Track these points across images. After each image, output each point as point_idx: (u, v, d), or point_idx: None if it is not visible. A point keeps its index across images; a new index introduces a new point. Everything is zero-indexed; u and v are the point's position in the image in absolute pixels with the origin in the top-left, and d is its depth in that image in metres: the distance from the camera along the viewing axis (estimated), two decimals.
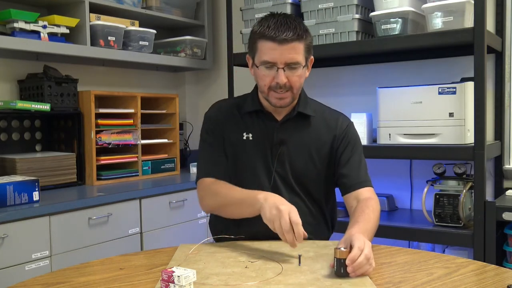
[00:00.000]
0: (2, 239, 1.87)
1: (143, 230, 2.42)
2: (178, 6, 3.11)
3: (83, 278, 1.24)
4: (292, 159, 1.58)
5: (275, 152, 1.58)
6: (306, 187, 1.61)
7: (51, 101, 2.42)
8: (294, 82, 1.50)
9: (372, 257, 1.22)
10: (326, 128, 1.61)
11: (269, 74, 1.49)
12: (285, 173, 1.58)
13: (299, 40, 1.48)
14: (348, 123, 1.65)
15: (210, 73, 3.46)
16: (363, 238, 1.25)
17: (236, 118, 1.62)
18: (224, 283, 1.16)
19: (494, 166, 2.52)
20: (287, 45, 1.45)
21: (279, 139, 1.58)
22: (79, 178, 2.52)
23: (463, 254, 2.42)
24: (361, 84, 2.85)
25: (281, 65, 1.47)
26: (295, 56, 1.47)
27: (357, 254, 1.19)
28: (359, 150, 1.63)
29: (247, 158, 1.59)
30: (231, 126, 1.62)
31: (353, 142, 1.62)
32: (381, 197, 2.65)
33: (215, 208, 1.59)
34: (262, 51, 1.49)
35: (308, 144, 1.59)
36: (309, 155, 1.59)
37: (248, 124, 1.61)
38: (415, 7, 2.35)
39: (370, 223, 1.42)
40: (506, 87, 2.49)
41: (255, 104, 1.60)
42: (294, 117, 1.59)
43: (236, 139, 1.60)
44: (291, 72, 1.48)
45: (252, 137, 1.59)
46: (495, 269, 1.28)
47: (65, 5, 2.55)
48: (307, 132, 1.60)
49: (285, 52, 1.46)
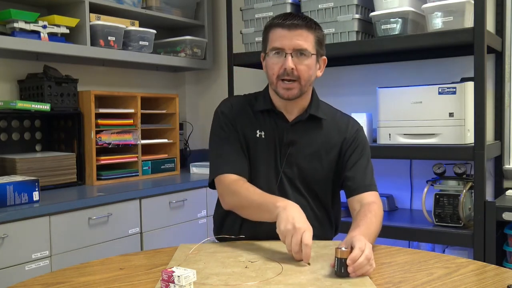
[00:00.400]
0: (2, 239, 1.87)
1: (143, 230, 2.42)
2: (178, 6, 3.11)
3: (83, 278, 1.24)
4: (300, 161, 1.57)
5: (284, 152, 1.57)
6: (312, 190, 1.60)
7: (51, 101, 2.42)
8: (302, 71, 1.49)
9: (373, 258, 1.22)
10: (336, 132, 1.61)
11: (278, 61, 1.49)
12: (293, 175, 1.57)
13: (308, 29, 1.49)
14: (358, 127, 1.65)
15: (210, 73, 3.46)
16: (364, 239, 1.25)
17: (249, 115, 1.61)
18: (224, 283, 1.16)
19: (494, 166, 2.52)
20: (296, 31, 1.48)
21: (289, 140, 1.57)
22: (79, 178, 2.52)
23: (463, 254, 2.42)
24: (361, 84, 2.85)
25: (289, 51, 1.48)
26: (303, 43, 1.48)
27: (358, 254, 1.19)
28: (367, 154, 1.63)
29: (258, 155, 1.58)
30: (245, 122, 1.60)
31: (361, 147, 1.61)
32: (381, 197, 2.64)
33: (234, 207, 1.56)
34: (272, 39, 1.51)
35: (317, 147, 1.58)
36: (318, 158, 1.58)
37: (261, 122, 1.60)
38: (415, 7, 2.35)
39: (372, 228, 1.41)
40: (506, 87, 2.49)
41: (267, 103, 1.59)
42: (305, 119, 1.58)
43: (250, 135, 1.59)
44: (299, 60, 1.48)
45: (265, 135, 1.58)
46: (495, 269, 1.28)
47: (65, 5, 2.55)
48: (317, 134, 1.59)
49: (294, 38, 1.47)
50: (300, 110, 1.59)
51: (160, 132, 3.01)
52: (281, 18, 1.51)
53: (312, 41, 1.50)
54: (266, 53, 1.54)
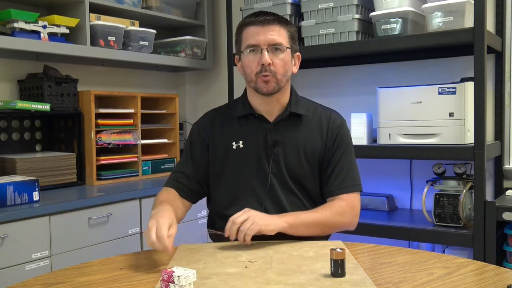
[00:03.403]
0: (2, 239, 1.87)
1: (143, 230, 2.42)
2: (178, 6, 3.11)
3: (83, 278, 1.24)
4: (287, 159, 1.58)
5: (270, 153, 1.58)
6: (302, 186, 1.60)
7: (51, 101, 2.42)
8: (278, 65, 1.51)
9: (246, 218, 1.39)
10: (319, 127, 1.62)
11: (254, 58, 1.51)
12: (281, 173, 1.58)
13: (280, 24, 1.53)
14: (341, 121, 1.65)
15: (210, 73, 3.46)
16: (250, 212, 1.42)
17: (224, 128, 1.63)
18: (224, 283, 1.16)
19: (494, 166, 2.52)
20: (269, 26, 1.50)
21: (273, 140, 1.58)
22: (79, 178, 2.52)
23: (463, 254, 2.42)
24: (361, 84, 2.85)
25: (264, 46, 1.50)
26: (277, 38, 1.51)
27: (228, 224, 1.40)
28: (350, 151, 1.63)
29: (238, 166, 1.59)
30: (218, 137, 1.63)
31: (344, 143, 1.62)
32: (381, 197, 2.67)
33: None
34: (246, 37, 1.53)
35: (301, 143, 1.59)
36: (304, 153, 1.59)
37: (239, 130, 1.61)
38: (415, 7, 2.35)
39: (304, 215, 1.50)
40: (506, 87, 2.49)
41: (246, 108, 1.61)
42: (286, 117, 1.59)
43: (225, 150, 1.61)
44: (274, 55, 1.51)
45: (243, 143, 1.59)
46: (495, 269, 1.28)
47: (65, 5, 2.55)
48: (300, 131, 1.60)
49: (268, 33, 1.50)
50: (280, 109, 1.60)
51: (160, 132, 3.01)
52: (252, 16, 1.54)
53: (285, 36, 1.53)
54: (241, 51, 1.56)
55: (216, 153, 1.62)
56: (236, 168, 1.60)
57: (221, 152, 1.62)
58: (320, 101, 1.70)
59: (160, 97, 3.00)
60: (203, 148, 1.64)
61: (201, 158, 1.64)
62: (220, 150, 1.62)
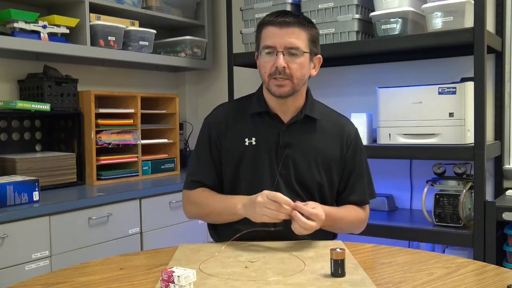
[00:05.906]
0: (2, 239, 1.87)
1: (143, 230, 2.42)
2: (178, 6, 3.11)
3: (83, 278, 1.24)
4: (296, 162, 1.56)
5: (280, 154, 1.55)
6: (309, 191, 1.58)
7: (51, 101, 2.42)
8: (294, 69, 1.48)
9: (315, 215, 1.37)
10: (333, 134, 1.60)
11: (270, 60, 1.49)
12: (289, 176, 1.55)
13: (300, 27, 1.48)
14: (355, 130, 1.65)
15: (210, 73, 3.46)
16: (320, 208, 1.41)
17: (237, 124, 1.60)
18: (224, 283, 1.16)
19: (494, 166, 2.52)
20: (287, 29, 1.46)
21: (285, 142, 1.55)
22: (79, 178, 2.52)
23: (463, 254, 2.42)
24: (361, 84, 2.85)
25: (280, 49, 1.47)
26: (295, 41, 1.47)
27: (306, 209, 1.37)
28: (365, 160, 1.65)
29: (250, 164, 1.56)
30: (231, 133, 1.59)
31: (360, 152, 1.63)
32: (381, 197, 2.67)
33: (196, 216, 1.65)
34: (264, 38, 1.50)
35: (314, 148, 1.57)
36: (314, 159, 1.56)
37: (252, 127, 1.58)
38: (415, 7, 2.35)
39: (341, 215, 1.53)
40: (506, 87, 2.49)
41: (261, 105, 1.58)
42: (301, 120, 1.57)
43: (237, 146, 1.58)
44: (291, 58, 1.47)
45: (256, 141, 1.57)
46: (495, 269, 1.28)
47: (65, 5, 2.55)
48: (314, 135, 1.58)
49: (285, 36, 1.46)
50: (295, 111, 1.57)
51: (160, 132, 3.01)
52: (273, 15, 1.50)
53: (304, 39, 1.49)
54: (259, 51, 1.53)
55: (229, 149, 1.59)
56: (246, 164, 1.57)
57: (234, 148, 1.58)
58: (320, 101, 1.70)
59: (160, 97, 3.00)
60: (217, 144, 1.60)
61: (217, 155, 1.61)
62: (233, 145, 1.58)
